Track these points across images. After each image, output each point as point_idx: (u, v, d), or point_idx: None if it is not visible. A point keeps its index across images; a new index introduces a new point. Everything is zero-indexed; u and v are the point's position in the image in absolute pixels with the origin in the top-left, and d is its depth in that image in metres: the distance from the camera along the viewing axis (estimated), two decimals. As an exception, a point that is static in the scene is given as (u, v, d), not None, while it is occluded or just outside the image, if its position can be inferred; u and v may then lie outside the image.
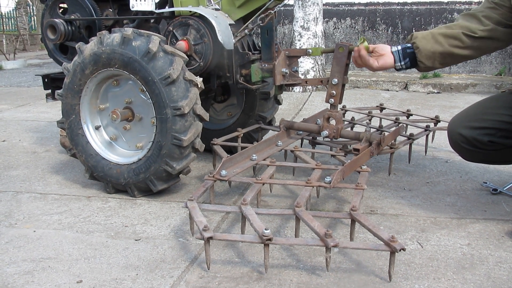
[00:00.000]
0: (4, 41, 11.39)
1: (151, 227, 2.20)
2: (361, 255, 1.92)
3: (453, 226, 2.20)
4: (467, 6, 6.69)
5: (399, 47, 2.29)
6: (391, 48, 2.30)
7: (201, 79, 2.45)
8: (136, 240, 2.07)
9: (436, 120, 3.23)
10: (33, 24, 15.45)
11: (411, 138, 2.86)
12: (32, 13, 15.38)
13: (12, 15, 15.58)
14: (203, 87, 2.46)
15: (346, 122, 3.19)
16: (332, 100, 2.48)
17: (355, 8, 7.23)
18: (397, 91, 6.19)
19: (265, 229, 1.71)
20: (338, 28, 7.31)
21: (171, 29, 2.67)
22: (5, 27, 14.55)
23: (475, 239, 2.07)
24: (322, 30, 6.19)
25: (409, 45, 2.27)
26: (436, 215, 2.32)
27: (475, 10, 2.26)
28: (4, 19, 14.97)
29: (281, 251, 1.96)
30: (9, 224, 2.25)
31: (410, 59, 2.27)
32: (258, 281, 1.74)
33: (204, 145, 2.54)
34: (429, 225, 2.22)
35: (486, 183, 2.68)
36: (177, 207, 2.42)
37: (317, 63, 6.11)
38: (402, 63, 2.28)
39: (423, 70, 2.34)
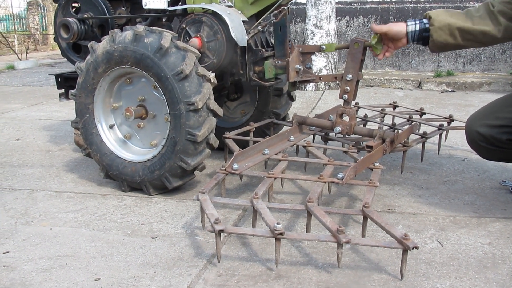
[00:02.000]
0: (15, 41, 11.45)
1: (167, 225, 2.19)
2: (381, 254, 1.90)
3: (473, 225, 2.17)
4: (480, 3, 6.61)
5: (417, 27, 2.25)
6: (407, 26, 2.26)
7: (214, 74, 2.43)
8: (152, 238, 2.06)
9: (450, 119, 3.19)
10: (44, 24, 15.50)
11: (424, 136, 2.83)
12: (43, 14, 15.44)
13: (23, 15, 15.65)
14: (216, 82, 2.44)
15: (358, 119, 3.17)
16: (346, 96, 2.46)
17: (368, 6, 7.18)
18: (410, 90, 6.14)
19: (277, 223, 1.69)
20: (351, 27, 7.27)
21: (184, 26, 2.66)
22: (16, 28, 14.61)
23: (496, 238, 2.04)
24: (335, 29, 6.16)
25: (427, 25, 2.23)
26: (455, 213, 2.29)
27: (492, 2, 2.21)
28: (15, 20, 15.04)
29: (299, 249, 1.94)
30: (25, 221, 2.25)
31: (423, 41, 2.27)
32: (277, 279, 1.72)
33: (218, 141, 2.52)
34: (448, 224, 2.19)
35: (505, 181, 2.64)
36: (193, 205, 2.40)
37: (330, 61, 6.08)
38: (415, 42, 2.30)
39: (432, 51, 2.36)
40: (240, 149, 2.40)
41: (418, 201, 2.44)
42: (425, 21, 2.24)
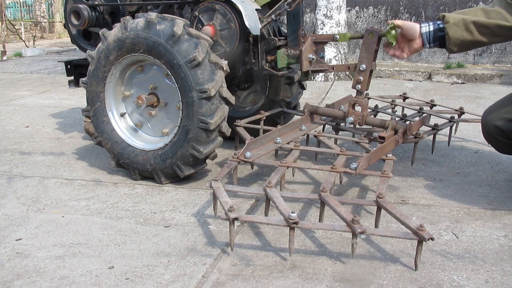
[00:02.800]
0: (22, 28, 11.42)
1: (180, 214, 2.17)
2: (395, 246, 1.88)
3: (487, 217, 2.15)
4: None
5: (431, 28, 2.23)
6: (420, 28, 2.24)
7: (226, 62, 2.41)
8: (165, 227, 2.05)
9: (461, 112, 3.17)
10: (51, 12, 15.48)
11: (435, 128, 2.81)
12: (50, 1, 15.41)
13: (30, 2, 15.63)
14: (229, 70, 2.42)
15: (369, 110, 3.14)
16: (359, 86, 2.44)
17: (378, -4, 7.13)
18: (420, 81, 6.10)
19: (292, 212, 1.68)
20: (361, 17, 7.22)
21: (197, 14, 2.64)
22: (23, 15, 14.59)
23: (512, 231, 2.02)
24: (345, 19, 6.11)
25: (441, 25, 2.20)
26: (469, 205, 2.27)
27: None
28: (22, 7, 15.02)
29: (313, 240, 1.93)
30: (37, 209, 2.24)
31: (439, 42, 2.23)
32: (292, 270, 1.71)
33: (230, 130, 2.50)
34: (462, 215, 2.16)
35: (519, 174, 2.62)
36: (205, 194, 2.39)
37: (340, 52, 6.04)
38: (432, 44, 2.25)
39: (451, 53, 2.30)
40: (252, 137, 2.38)
41: (431, 193, 2.42)
42: (438, 22, 2.22)
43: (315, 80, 5.99)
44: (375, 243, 1.90)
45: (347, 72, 6.09)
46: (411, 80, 6.19)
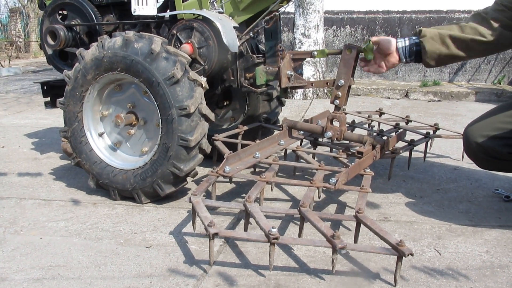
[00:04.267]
0: (-3, 48, 11.32)
1: (161, 234, 2.14)
2: (379, 263, 1.88)
3: (469, 233, 2.16)
4: (466, 15, 6.69)
5: (407, 43, 2.27)
6: (396, 43, 2.27)
7: (205, 79, 2.41)
8: (147, 247, 2.01)
9: (436, 128, 3.21)
10: (27, 32, 15.35)
11: (411, 144, 2.83)
12: (26, 21, 15.30)
13: (6, 22, 15.49)
14: (208, 87, 2.42)
15: (347, 125, 3.16)
16: (338, 101, 2.46)
17: (355, 16, 7.22)
18: (398, 99, 6.16)
19: (272, 228, 1.67)
20: (338, 36, 7.30)
21: (175, 32, 2.63)
22: (-1, 35, 14.46)
23: (493, 247, 2.03)
24: (323, 38, 6.17)
25: (416, 40, 2.24)
26: (450, 222, 2.28)
27: (485, 11, 2.22)
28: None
29: (297, 258, 1.91)
30: (14, 231, 2.19)
31: (415, 56, 2.26)
32: (276, 289, 1.69)
33: (211, 147, 2.49)
34: (444, 232, 2.17)
35: (498, 190, 2.65)
36: (186, 213, 2.36)
37: (318, 70, 6.08)
38: (408, 59, 2.28)
39: (428, 67, 2.32)
40: (230, 151, 2.38)
41: (412, 210, 2.43)
42: (414, 37, 2.26)
43: (294, 99, 6.01)
44: (358, 261, 1.89)
45: (325, 90, 6.13)
46: (389, 98, 6.26)
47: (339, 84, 2.43)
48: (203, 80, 2.38)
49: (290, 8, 6.75)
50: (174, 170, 2.35)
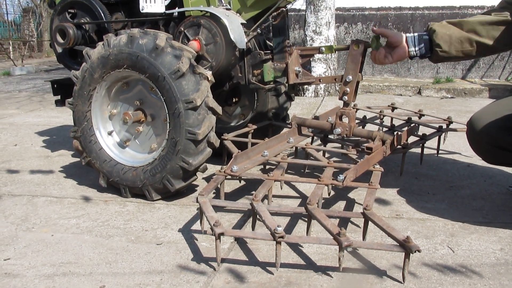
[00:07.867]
0: (10, 47, 11.39)
1: (172, 231, 2.14)
2: (391, 260, 1.86)
3: (482, 231, 2.13)
4: (479, 11, 6.62)
5: (416, 34, 2.26)
6: (406, 35, 2.27)
7: (211, 72, 2.40)
8: (157, 244, 2.01)
9: (449, 121, 3.17)
10: (40, 31, 15.45)
11: (423, 138, 2.80)
12: (39, 20, 15.39)
13: (19, 22, 15.61)
14: (214, 80, 2.41)
15: (357, 121, 3.14)
16: (346, 97, 2.44)
17: (367, 12, 7.17)
18: (410, 96, 6.12)
19: (278, 226, 1.66)
20: (349, 33, 7.26)
21: (182, 29, 2.63)
22: (11, 34, 14.55)
23: (508, 244, 2.00)
24: (334, 35, 6.14)
25: (425, 32, 2.23)
26: (464, 219, 2.25)
27: (489, 10, 2.23)
28: (10, 26, 14.99)
29: (308, 256, 1.90)
30: (26, 228, 2.19)
31: (425, 44, 2.23)
32: (287, 287, 1.68)
33: (219, 141, 2.48)
34: (457, 229, 2.15)
35: (512, 187, 2.62)
36: (196, 211, 2.35)
37: (329, 67, 6.05)
38: (416, 48, 2.25)
39: (438, 58, 2.25)
40: (239, 150, 2.37)
41: (425, 207, 2.40)
42: (424, 32, 2.25)
43: (305, 96, 5.99)
44: (370, 258, 1.88)
45: (337, 88, 6.10)
46: (401, 95, 6.21)
47: (347, 80, 2.42)
48: (208, 73, 2.37)
49: (301, 5, 6.73)
50: (183, 165, 2.34)
